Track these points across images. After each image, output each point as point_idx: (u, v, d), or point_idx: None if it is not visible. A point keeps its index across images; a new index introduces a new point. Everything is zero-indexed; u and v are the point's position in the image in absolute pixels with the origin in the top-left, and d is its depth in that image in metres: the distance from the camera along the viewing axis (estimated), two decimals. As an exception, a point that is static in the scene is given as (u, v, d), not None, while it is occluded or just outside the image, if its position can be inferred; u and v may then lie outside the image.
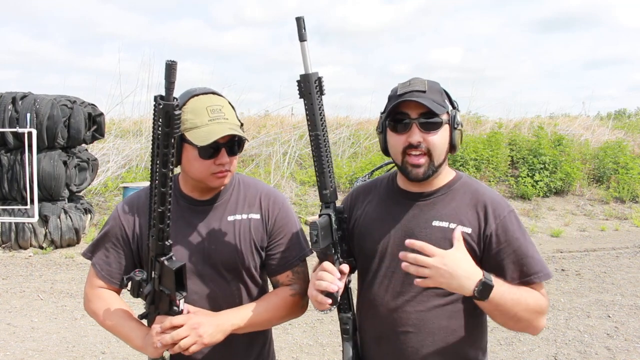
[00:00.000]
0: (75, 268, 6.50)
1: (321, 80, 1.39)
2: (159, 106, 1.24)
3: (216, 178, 1.50)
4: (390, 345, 1.48)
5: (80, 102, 7.42)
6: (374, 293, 1.50)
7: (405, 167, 1.43)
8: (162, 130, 1.24)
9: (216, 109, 1.48)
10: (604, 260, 6.97)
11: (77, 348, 4.20)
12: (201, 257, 1.55)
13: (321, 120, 1.40)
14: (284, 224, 1.62)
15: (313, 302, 1.42)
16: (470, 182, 1.52)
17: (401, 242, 1.46)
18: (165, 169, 1.28)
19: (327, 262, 1.41)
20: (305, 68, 1.38)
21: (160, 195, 1.30)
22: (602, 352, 4.14)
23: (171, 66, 1.21)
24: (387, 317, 1.47)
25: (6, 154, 7.06)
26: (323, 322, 4.63)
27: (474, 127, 13.23)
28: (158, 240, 1.35)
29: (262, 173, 10.15)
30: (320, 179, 1.43)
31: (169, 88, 1.22)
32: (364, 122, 13.71)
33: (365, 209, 1.57)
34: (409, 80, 1.45)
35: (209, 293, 1.56)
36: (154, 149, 1.29)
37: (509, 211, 1.45)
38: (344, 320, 1.51)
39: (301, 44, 1.38)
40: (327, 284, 1.36)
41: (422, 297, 1.44)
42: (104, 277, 1.59)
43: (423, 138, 1.40)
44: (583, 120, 15.23)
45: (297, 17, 1.37)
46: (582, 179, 10.79)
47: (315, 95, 1.38)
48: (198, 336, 1.39)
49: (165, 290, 1.39)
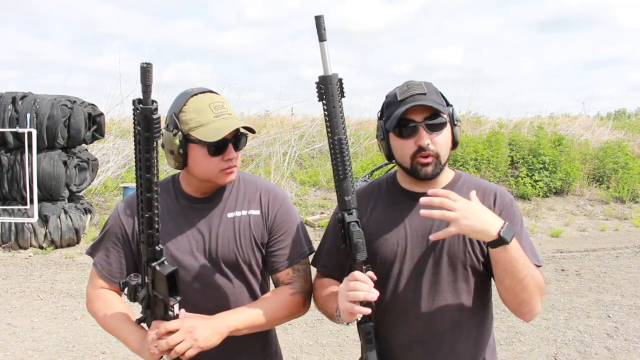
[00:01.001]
0: (75, 268, 6.49)
1: (342, 82, 1.37)
2: (136, 110, 1.21)
3: (225, 174, 1.51)
4: (424, 348, 1.46)
5: (80, 102, 7.41)
6: (400, 298, 1.47)
7: (415, 168, 1.44)
8: (142, 135, 1.22)
9: (219, 105, 1.49)
10: (604, 260, 6.97)
11: (77, 348, 4.20)
12: (202, 254, 1.55)
13: (342, 124, 1.37)
14: (284, 220, 1.61)
15: (344, 315, 1.37)
16: (470, 178, 1.57)
17: (420, 243, 1.46)
18: (149, 174, 1.25)
19: (357, 271, 1.37)
20: (325, 69, 1.35)
21: (146, 200, 1.28)
22: (602, 352, 4.14)
23: (146, 69, 1.18)
24: (420, 321, 1.46)
25: (6, 154, 7.06)
26: (323, 322, 4.62)
27: (474, 127, 13.22)
28: (148, 245, 1.33)
29: (262, 173, 10.14)
30: (341, 185, 1.39)
31: (145, 92, 1.19)
32: (364, 122, 13.70)
33: (372, 215, 1.54)
34: (405, 84, 1.46)
35: (211, 291, 1.56)
36: (137, 155, 1.26)
37: (510, 199, 1.51)
38: (367, 330, 1.44)
39: (320, 44, 1.34)
40: (364, 293, 1.31)
41: (452, 296, 1.45)
42: (105, 276, 1.59)
43: (431, 139, 1.42)
44: (583, 120, 15.23)
45: (316, 15, 1.33)
46: (582, 179, 10.78)
47: (337, 97, 1.36)
48: (193, 340, 1.38)
49: (159, 295, 1.37)
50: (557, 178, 10.32)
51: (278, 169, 10.36)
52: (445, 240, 1.43)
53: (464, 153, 10.16)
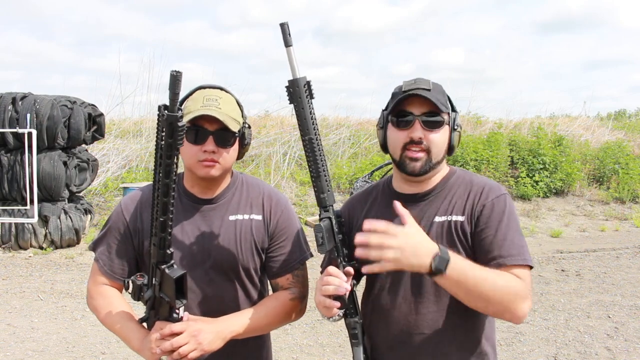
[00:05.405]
0: (75, 268, 6.49)
1: (310, 84, 1.40)
2: (162, 117, 1.23)
3: (202, 166, 1.50)
4: (406, 348, 1.47)
5: (80, 102, 7.41)
6: (385, 298, 1.49)
7: (403, 160, 1.44)
8: (165, 141, 1.23)
9: (212, 98, 1.49)
10: (604, 260, 6.97)
11: (77, 348, 4.20)
12: (200, 255, 1.55)
13: (313, 124, 1.41)
14: (286, 227, 1.62)
15: (321, 309, 1.40)
16: (464, 175, 1.53)
17: None
18: (168, 179, 1.27)
19: (331, 266, 1.40)
20: (293, 73, 1.39)
21: (162, 204, 1.30)
22: (602, 353, 4.14)
23: (176, 77, 1.19)
24: (401, 321, 1.46)
25: (6, 155, 7.06)
26: (323, 322, 4.62)
27: (474, 128, 13.22)
28: (159, 248, 1.35)
29: (262, 173, 10.14)
30: (317, 183, 1.43)
31: (173, 99, 1.20)
32: (364, 122, 13.70)
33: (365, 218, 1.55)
34: (413, 79, 1.46)
35: (207, 292, 1.56)
36: (157, 159, 1.29)
37: (500, 194, 1.44)
38: (352, 325, 1.48)
39: (287, 49, 1.39)
40: (334, 287, 1.34)
41: (435, 298, 1.44)
42: (107, 272, 1.59)
43: (424, 135, 1.42)
44: (583, 120, 15.23)
45: (281, 23, 1.38)
46: (582, 180, 10.79)
47: (306, 99, 1.39)
48: (197, 343, 1.39)
49: (165, 297, 1.38)
50: (557, 178, 10.33)
51: (278, 169, 10.36)
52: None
53: (464, 153, 10.17)
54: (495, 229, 1.39)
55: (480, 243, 1.40)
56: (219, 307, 1.54)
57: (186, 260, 1.55)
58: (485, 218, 1.41)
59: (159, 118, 1.24)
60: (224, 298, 1.57)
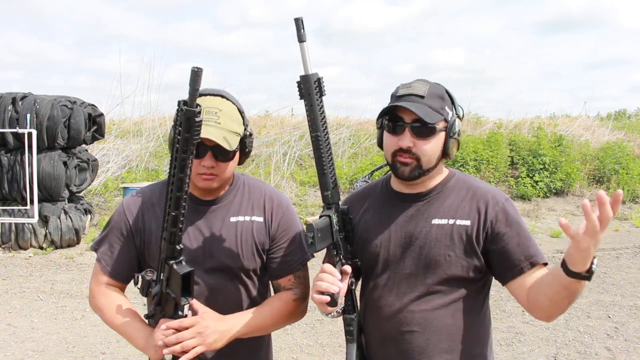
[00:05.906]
0: (75, 268, 6.50)
1: (321, 81, 1.39)
2: (181, 111, 1.25)
3: (202, 179, 1.50)
4: (395, 346, 1.48)
5: (80, 102, 7.41)
6: (378, 295, 1.50)
7: (394, 164, 1.45)
8: (182, 135, 1.25)
9: (212, 112, 1.47)
10: (604, 260, 6.97)
11: (77, 348, 4.20)
12: (201, 256, 1.55)
13: (322, 121, 1.40)
14: (288, 228, 1.62)
15: (318, 306, 1.42)
16: (464, 178, 1.54)
17: (403, 244, 1.47)
18: (182, 173, 1.29)
19: (327, 264, 1.41)
20: (305, 69, 1.38)
21: (175, 199, 1.31)
22: (602, 353, 4.14)
23: (197, 73, 1.22)
24: (391, 318, 1.47)
25: (6, 155, 7.06)
26: (323, 322, 4.63)
27: (474, 128, 13.23)
28: (169, 243, 1.36)
29: (262, 173, 10.14)
30: (322, 180, 1.43)
31: (192, 94, 1.23)
32: (365, 122, 13.70)
33: (362, 216, 1.57)
34: (411, 82, 1.46)
35: (208, 293, 1.56)
36: (173, 153, 1.30)
37: (505, 199, 1.48)
38: (348, 322, 1.50)
39: (300, 44, 1.37)
40: (327, 284, 1.36)
41: (426, 297, 1.45)
42: (109, 272, 1.59)
43: (414, 143, 1.41)
44: (583, 120, 15.23)
45: (295, 17, 1.37)
46: (582, 180, 10.79)
47: (315, 96, 1.38)
48: (202, 340, 1.41)
49: (171, 293, 1.39)
50: (557, 178, 10.33)
51: (278, 170, 10.36)
52: (426, 244, 1.44)
53: (464, 153, 10.17)
54: (516, 232, 1.43)
55: (505, 247, 1.42)
56: (220, 309, 1.54)
57: (187, 262, 1.55)
58: (502, 223, 1.43)
59: (177, 113, 1.26)
60: (225, 299, 1.57)
